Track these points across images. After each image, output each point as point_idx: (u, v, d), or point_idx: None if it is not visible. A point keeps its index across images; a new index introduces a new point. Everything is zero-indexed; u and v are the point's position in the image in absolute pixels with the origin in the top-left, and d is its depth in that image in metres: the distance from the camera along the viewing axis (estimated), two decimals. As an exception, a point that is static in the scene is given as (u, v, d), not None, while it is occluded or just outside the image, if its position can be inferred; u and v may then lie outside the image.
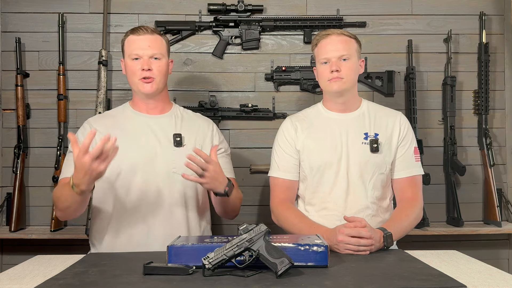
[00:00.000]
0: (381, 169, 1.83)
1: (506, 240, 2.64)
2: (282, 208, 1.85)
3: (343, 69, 1.80)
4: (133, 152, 1.79)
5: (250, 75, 2.58)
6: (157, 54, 1.82)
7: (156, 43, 1.83)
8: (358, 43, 1.87)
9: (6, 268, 1.63)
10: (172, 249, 1.36)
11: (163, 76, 1.85)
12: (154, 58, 1.82)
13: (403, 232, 1.76)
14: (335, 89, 1.82)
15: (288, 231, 1.82)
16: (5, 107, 2.53)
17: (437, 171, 2.57)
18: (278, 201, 1.88)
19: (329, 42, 1.82)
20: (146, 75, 1.80)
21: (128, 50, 1.84)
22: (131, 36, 1.84)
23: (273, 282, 1.21)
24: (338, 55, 1.80)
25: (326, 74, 1.83)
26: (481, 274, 1.32)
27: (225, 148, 1.98)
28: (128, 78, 1.87)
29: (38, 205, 2.51)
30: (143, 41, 1.82)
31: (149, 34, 1.83)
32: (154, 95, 1.85)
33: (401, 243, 1.86)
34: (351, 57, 1.81)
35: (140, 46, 1.81)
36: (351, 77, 1.82)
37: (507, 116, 2.63)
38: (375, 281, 1.23)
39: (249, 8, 2.53)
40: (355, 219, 1.61)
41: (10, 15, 2.53)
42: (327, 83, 1.83)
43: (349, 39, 1.84)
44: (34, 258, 1.57)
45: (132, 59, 1.82)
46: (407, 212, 1.79)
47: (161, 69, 1.83)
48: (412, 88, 2.53)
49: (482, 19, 2.56)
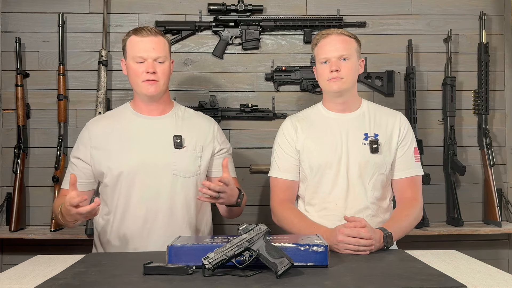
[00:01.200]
0: (381, 169, 1.83)
1: (506, 240, 2.64)
2: (282, 208, 1.85)
3: (343, 69, 1.80)
4: (133, 154, 1.79)
5: (250, 75, 2.58)
6: (161, 57, 1.80)
7: (160, 45, 1.81)
8: (358, 43, 1.87)
9: (6, 268, 1.64)
10: (172, 249, 1.36)
11: (167, 79, 1.85)
12: (158, 62, 1.80)
13: (403, 232, 1.76)
14: (335, 89, 1.82)
15: (288, 231, 1.82)
16: (5, 107, 2.53)
17: (437, 171, 2.57)
18: (278, 201, 1.88)
19: (329, 42, 1.82)
20: (151, 78, 1.78)
21: (131, 52, 1.81)
22: (134, 37, 1.81)
23: (273, 282, 1.21)
24: (338, 55, 1.80)
25: (325, 74, 1.82)
26: (481, 274, 1.32)
27: (227, 148, 1.97)
28: (130, 79, 1.85)
29: (38, 205, 2.51)
30: (147, 43, 1.79)
31: (153, 35, 1.81)
32: (157, 97, 1.85)
33: (401, 243, 1.86)
34: (351, 57, 1.81)
35: (144, 49, 1.79)
36: (350, 77, 1.82)
37: (507, 116, 2.63)
38: (375, 281, 1.23)
39: (249, 8, 2.53)
40: (355, 219, 1.61)
41: (10, 15, 2.53)
42: (327, 83, 1.83)
43: (349, 38, 1.83)
44: (34, 258, 1.56)
45: (136, 62, 1.79)
46: (407, 212, 1.79)
47: (165, 71, 1.82)
48: (412, 88, 2.53)
49: (482, 19, 2.56)
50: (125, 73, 1.88)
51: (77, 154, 1.84)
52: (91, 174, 1.83)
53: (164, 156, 1.81)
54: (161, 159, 1.80)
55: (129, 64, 1.82)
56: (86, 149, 1.82)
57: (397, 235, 1.72)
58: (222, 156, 1.93)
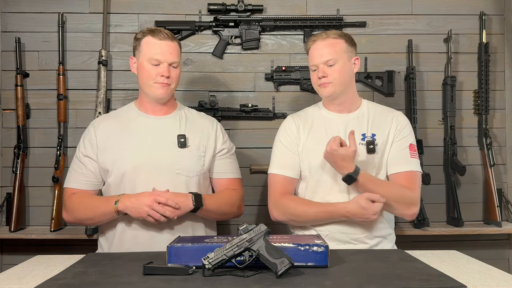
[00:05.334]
0: (378, 169, 1.83)
1: (506, 240, 2.64)
2: (286, 200, 1.83)
3: (330, 74, 1.80)
4: (137, 152, 1.80)
5: (250, 75, 2.58)
6: (176, 62, 1.83)
7: (176, 50, 1.83)
8: (348, 41, 1.85)
9: (6, 268, 1.63)
10: (172, 249, 1.36)
11: (177, 83, 1.87)
12: (172, 66, 1.82)
13: (374, 184, 1.74)
14: (325, 94, 1.84)
15: (299, 222, 1.81)
16: (5, 107, 2.53)
17: (437, 171, 2.57)
18: (279, 194, 1.84)
19: (315, 48, 1.83)
20: (165, 82, 1.80)
21: (148, 53, 1.80)
22: (151, 38, 1.81)
23: (273, 282, 1.21)
24: (323, 60, 1.80)
25: (315, 81, 1.85)
26: (481, 274, 1.32)
27: (228, 148, 1.97)
28: (141, 79, 1.84)
29: (38, 205, 2.51)
30: (165, 47, 1.80)
31: (170, 40, 1.82)
32: (165, 100, 1.86)
33: (401, 243, 1.86)
34: (338, 60, 1.80)
35: (162, 52, 1.79)
36: (340, 79, 1.81)
37: (507, 116, 2.63)
38: (375, 281, 1.23)
39: (249, 8, 2.53)
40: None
41: (10, 15, 2.53)
42: (318, 89, 1.86)
43: (335, 40, 1.82)
44: (34, 258, 1.57)
45: (151, 63, 1.80)
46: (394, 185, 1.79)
47: (177, 76, 1.85)
48: (412, 88, 2.53)
49: (482, 19, 2.56)
50: (134, 71, 1.88)
51: (86, 152, 1.84)
52: (99, 173, 1.84)
53: (168, 155, 1.81)
54: (165, 158, 1.81)
55: (142, 63, 1.82)
56: (93, 148, 1.83)
57: (369, 182, 1.72)
58: (224, 156, 1.93)
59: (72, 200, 1.81)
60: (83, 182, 1.83)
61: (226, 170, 1.94)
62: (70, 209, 1.81)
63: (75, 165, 1.86)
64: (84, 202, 1.80)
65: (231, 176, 1.94)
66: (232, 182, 1.94)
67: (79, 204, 1.80)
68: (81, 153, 1.85)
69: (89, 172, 1.83)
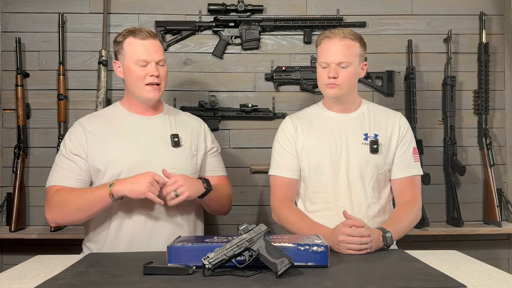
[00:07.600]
0: (381, 169, 1.83)
1: (506, 240, 2.64)
2: (283, 207, 1.85)
3: (341, 76, 1.78)
4: (132, 152, 1.79)
5: (250, 75, 2.58)
6: (162, 60, 1.81)
7: (160, 48, 1.82)
8: (363, 45, 1.84)
9: (6, 268, 1.63)
10: (172, 249, 1.36)
11: (166, 81, 1.86)
12: (159, 64, 1.80)
13: (402, 232, 1.76)
14: (331, 95, 1.83)
15: (288, 231, 1.82)
16: (5, 107, 2.53)
17: (437, 171, 2.57)
18: (278, 199, 1.87)
19: (330, 46, 1.80)
20: (154, 82, 1.78)
21: (133, 55, 1.77)
22: (133, 39, 1.78)
23: (273, 282, 1.21)
24: (337, 61, 1.78)
25: (323, 78, 1.82)
26: (481, 274, 1.32)
27: (216, 146, 2.01)
28: (130, 83, 1.81)
29: (38, 205, 2.50)
30: (149, 46, 1.78)
31: (152, 38, 1.79)
32: (156, 101, 1.86)
33: (401, 243, 1.86)
34: (351, 64, 1.79)
35: (147, 51, 1.77)
36: (348, 83, 1.80)
37: (507, 116, 2.63)
38: (375, 281, 1.23)
39: (249, 8, 2.53)
40: (353, 219, 1.60)
41: (10, 15, 2.53)
42: (324, 87, 1.84)
43: (352, 43, 1.80)
44: (34, 258, 1.57)
45: (138, 65, 1.77)
46: (407, 212, 1.79)
47: (165, 74, 1.83)
48: (412, 88, 2.53)
49: (482, 19, 2.56)
50: (120, 75, 1.85)
51: (75, 151, 1.77)
52: (89, 171, 1.80)
53: (163, 155, 1.81)
54: (160, 157, 1.80)
55: (128, 67, 1.79)
56: (82, 147, 1.78)
57: (397, 235, 1.71)
58: (213, 155, 1.97)
59: (60, 194, 1.72)
60: (72, 179, 1.76)
61: (217, 167, 1.98)
62: (57, 204, 1.71)
63: (62, 163, 1.78)
64: (74, 192, 1.72)
65: (222, 174, 1.99)
66: (222, 179, 1.98)
67: (67, 195, 1.71)
68: (69, 151, 1.78)
69: (79, 170, 1.77)
